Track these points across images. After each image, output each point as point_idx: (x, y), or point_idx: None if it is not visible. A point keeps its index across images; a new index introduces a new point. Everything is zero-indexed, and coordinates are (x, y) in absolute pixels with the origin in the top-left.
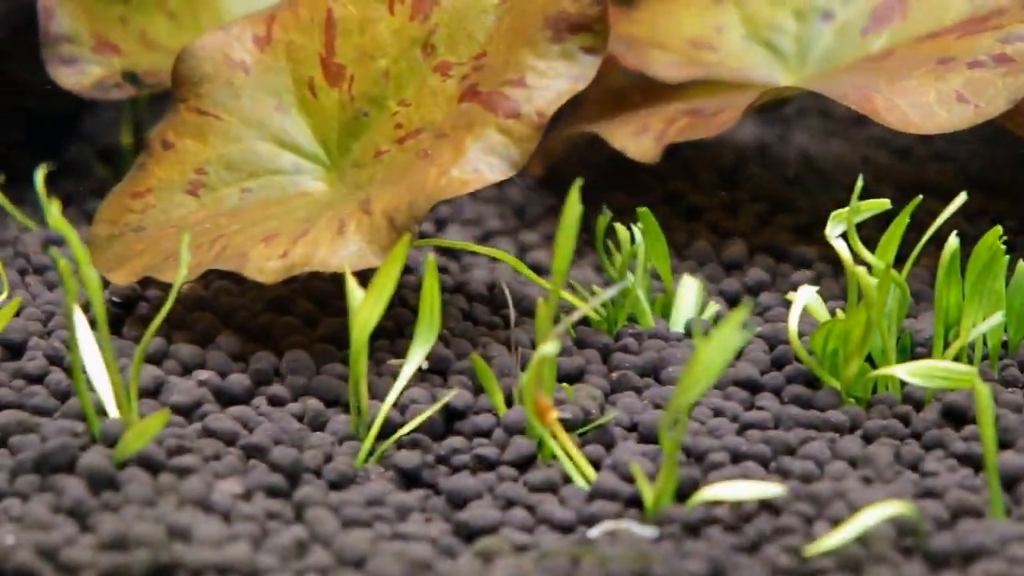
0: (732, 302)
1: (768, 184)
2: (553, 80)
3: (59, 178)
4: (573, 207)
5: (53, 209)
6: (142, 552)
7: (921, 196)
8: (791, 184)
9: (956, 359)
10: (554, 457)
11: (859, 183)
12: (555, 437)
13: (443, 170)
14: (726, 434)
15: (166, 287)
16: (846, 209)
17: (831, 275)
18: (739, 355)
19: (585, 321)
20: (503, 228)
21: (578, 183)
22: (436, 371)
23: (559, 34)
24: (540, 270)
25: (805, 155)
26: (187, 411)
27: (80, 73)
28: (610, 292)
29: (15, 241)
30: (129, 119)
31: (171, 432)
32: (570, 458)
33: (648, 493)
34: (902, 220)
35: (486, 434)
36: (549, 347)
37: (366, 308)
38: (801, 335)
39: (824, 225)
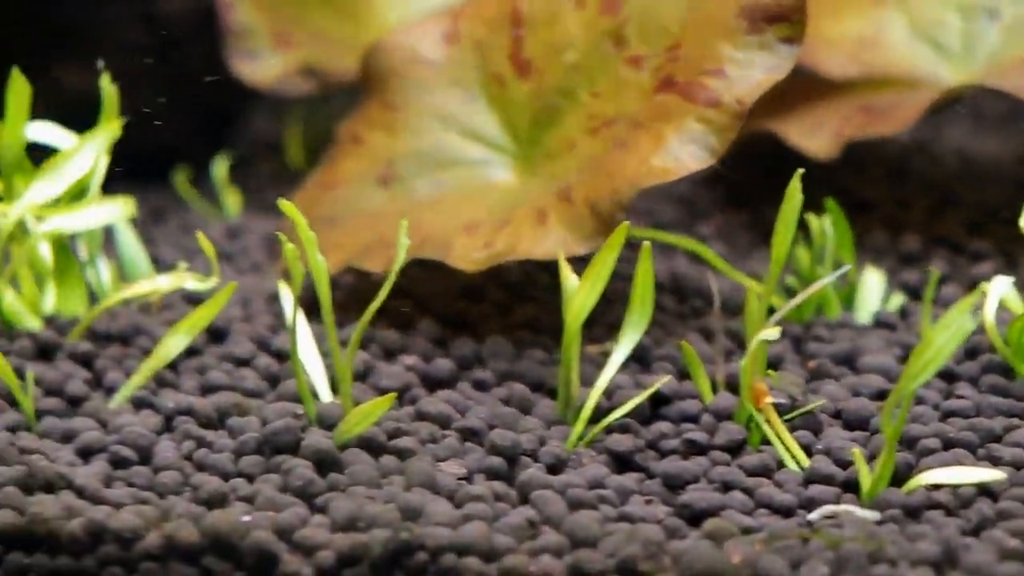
0: (913, 294)
1: (933, 179)
2: (752, 70)
3: (232, 170)
4: (794, 195)
5: (283, 203)
6: (379, 532)
7: None
8: (956, 179)
9: None
10: (763, 443)
11: None
12: (768, 422)
13: (643, 159)
14: (931, 421)
15: (359, 274)
16: None
17: (1008, 268)
18: None
19: (770, 311)
20: (676, 221)
21: (799, 172)
22: (636, 358)
23: (756, 24)
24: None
25: (963, 152)
26: (397, 395)
27: (262, 67)
28: (831, 277)
29: (199, 230)
30: (296, 112)
31: (387, 415)
32: (783, 443)
33: (866, 478)
34: None
35: (693, 419)
36: (770, 333)
37: (581, 295)
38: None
39: (993, 219)
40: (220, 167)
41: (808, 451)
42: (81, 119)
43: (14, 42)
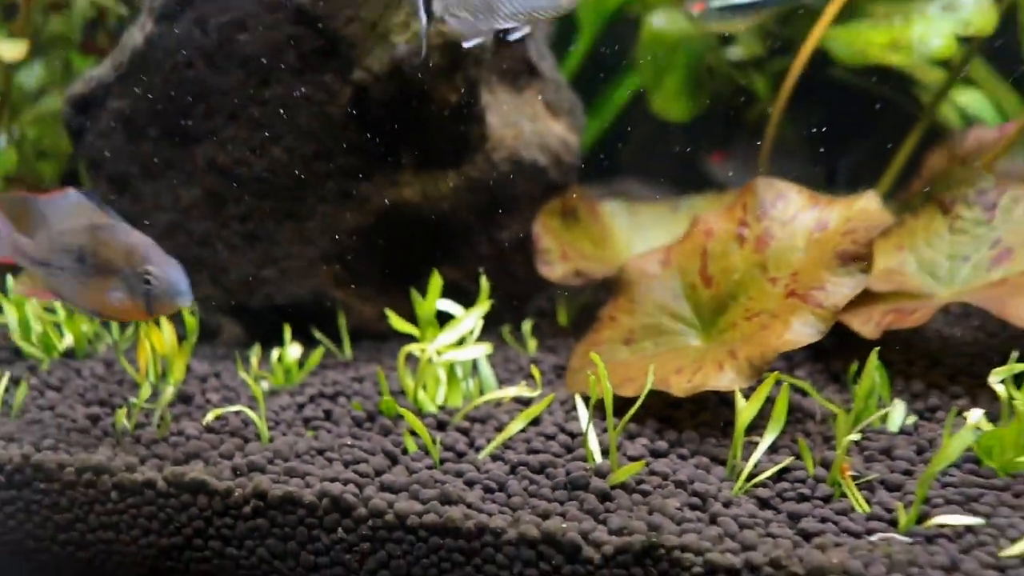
0: (920, 415)
1: (927, 350)
2: (842, 288)
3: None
4: (872, 364)
5: (591, 354)
6: (637, 537)
7: None
8: (940, 352)
9: None
10: (842, 496)
11: None
12: (846, 484)
13: (779, 335)
14: (936, 488)
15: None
16: None
17: (973, 403)
18: None
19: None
20: (786, 368)
21: (875, 351)
22: (771, 448)
23: (845, 262)
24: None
25: (942, 334)
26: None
27: (554, 270)
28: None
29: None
30: (565, 297)
31: (634, 473)
32: (855, 496)
33: (903, 518)
34: None
35: (802, 481)
36: (852, 436)
37: (747, 411)
38: None
39: (964, 374)
40: (526, 325)
41: (868, 502)
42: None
43: (433, 251)
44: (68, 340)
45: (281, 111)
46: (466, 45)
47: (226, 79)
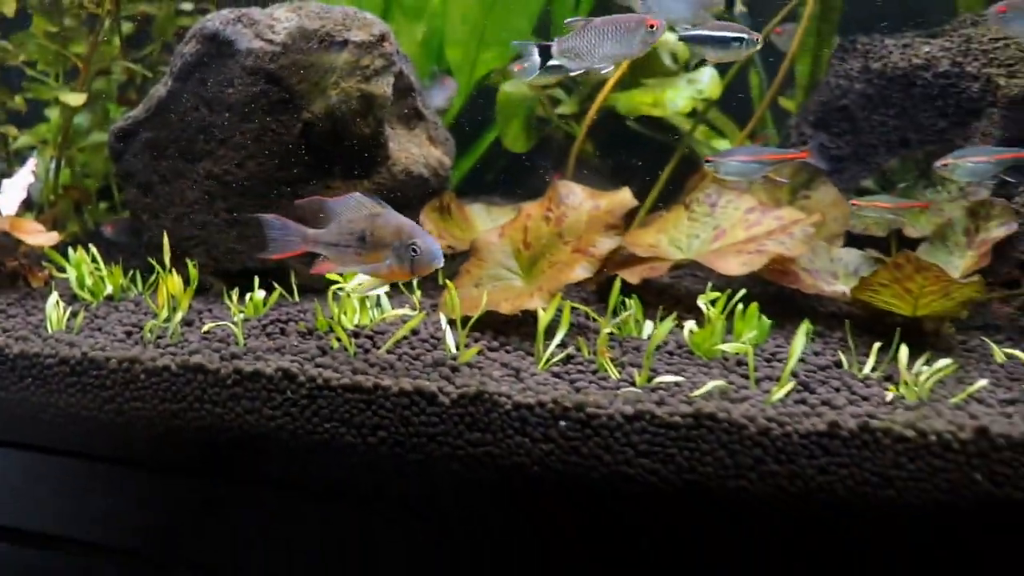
0: None
1: (678, 294)
2: (605, 245)
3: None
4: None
5: (448, 283)
6: None
7: None
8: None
9: None
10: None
11: None
12: (604, 360)
13: (568, 274)
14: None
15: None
16: None
17: None
18: None
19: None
20: (576, 297)
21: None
22: (563, 344)
23: (607, 229)
24: None
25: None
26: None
27: None
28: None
29: None
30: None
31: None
32: (607, 366)
33: (637, 379)
34: None
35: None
36: (606, 329)
37: (544, 318)
38: None
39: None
40: (414, 281)
41: (620, 372)
42: None
43: None
44: (109, 288)
45: (255, 139)
46: (573, 72)
47: (219, 118)
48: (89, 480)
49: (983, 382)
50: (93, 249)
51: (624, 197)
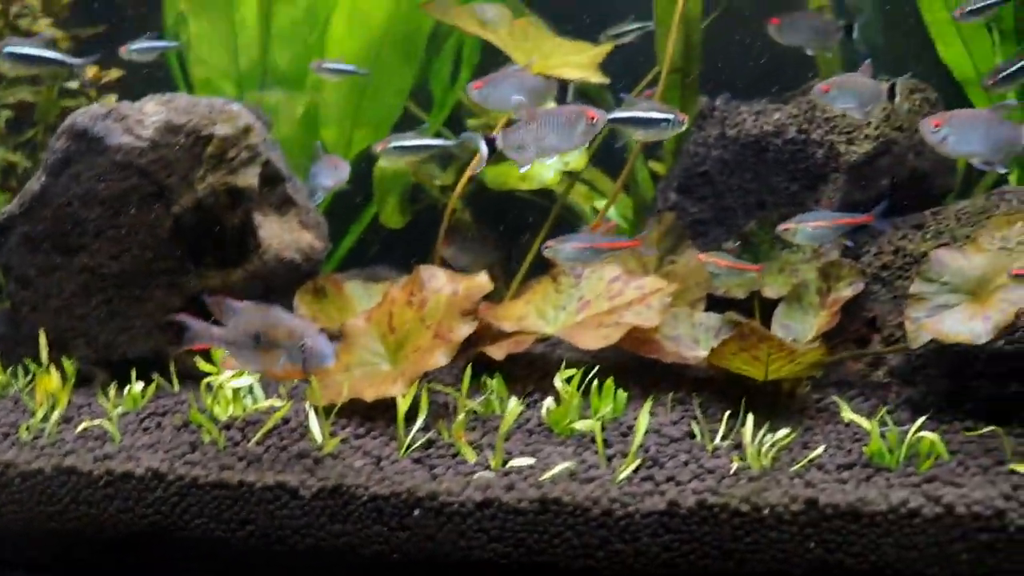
0: None
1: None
2: (463, 330)
3: None
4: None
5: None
6: None
7: None
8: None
9: None
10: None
11: None
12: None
13: (427, 361)
14: None
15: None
16: None
17: None
18: None
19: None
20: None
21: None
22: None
23: (466, 314)
24: None
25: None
26: None
27: None
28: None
29: None
30: None
31: None
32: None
33: (493, 462)
34: None
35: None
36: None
37: (403, 404)
38: None
39: None
40: None
41: (478, 454)
42: None
43: None
44: None
45: (129, 232)
46: (521, 170)
47: (93, 212)
48: None
49: (821, 449)
50: None
51: (481, 282)
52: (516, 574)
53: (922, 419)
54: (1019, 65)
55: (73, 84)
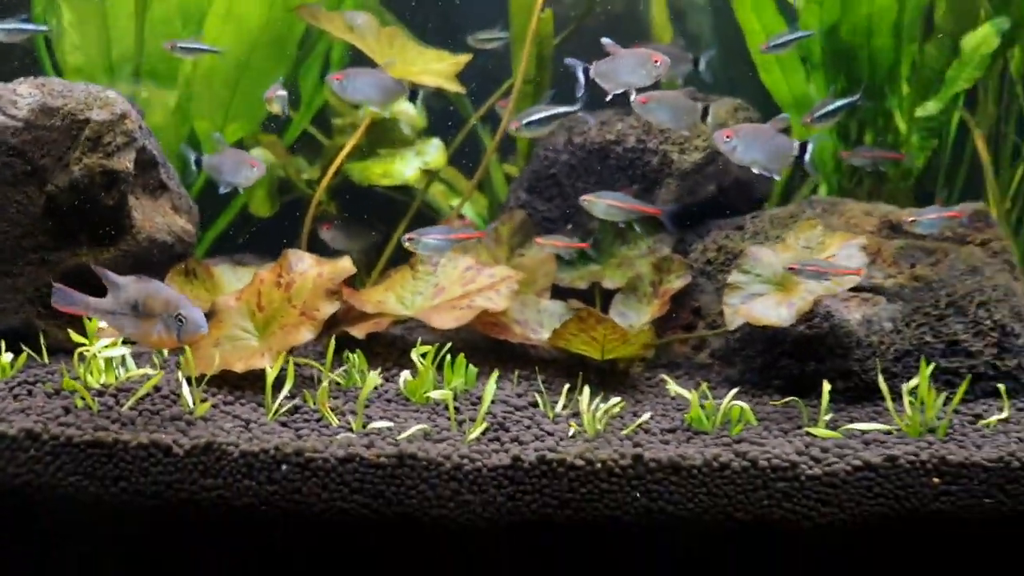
0: None
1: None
2: (328, 309)
3: None
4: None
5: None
6: None
7: None
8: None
9: None
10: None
11: None
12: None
13: (293, 337)
14: None
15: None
16: None
17: None
18: None
19: None
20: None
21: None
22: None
23: (330, 295)
24: None
25: None
26: None
27: None
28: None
29: None
30: None
31: None
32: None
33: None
34: None
35: None
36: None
37: (271, 376)
38: None
39: None
40: None
41: (339, 419)
42: None
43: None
44: None
45: (0, 207)
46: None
47: None
48: None
49: (647, 415)
50: None
51: (344, 265)
52: (375, 524)
53: (734, 391)
54: (831, 107)
55: None
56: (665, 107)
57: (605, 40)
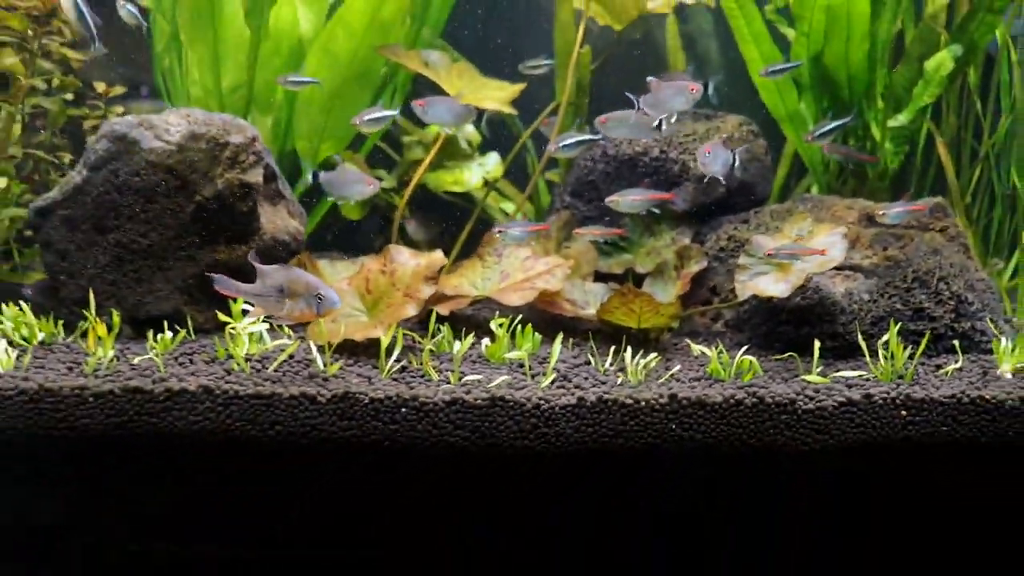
0: None
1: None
2: (426, 291)
3: None
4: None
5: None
6: None
7: None
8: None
9: None
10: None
11: None
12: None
13: (401, 312)
14: None
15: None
16: None
17: None
18: None
19: None
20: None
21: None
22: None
23: (427, 280)
24: None
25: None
26: None
27: None
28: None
29: None
30: None
31: None
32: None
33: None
34: None
35: None
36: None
37: (384, 341)
38: None
39: None
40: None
41: (439, 375)
42: None
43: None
44: (41, 335)
45: (156, 216)
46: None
47: (127, 199)
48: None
49: (677, 367)
50: (23, 304)
51: (437, 256)
52: (473, 453)
53: (744, 348)
54: (828, 127)
55: (68, 97)
56: (622, 125)
57: (650, 79)
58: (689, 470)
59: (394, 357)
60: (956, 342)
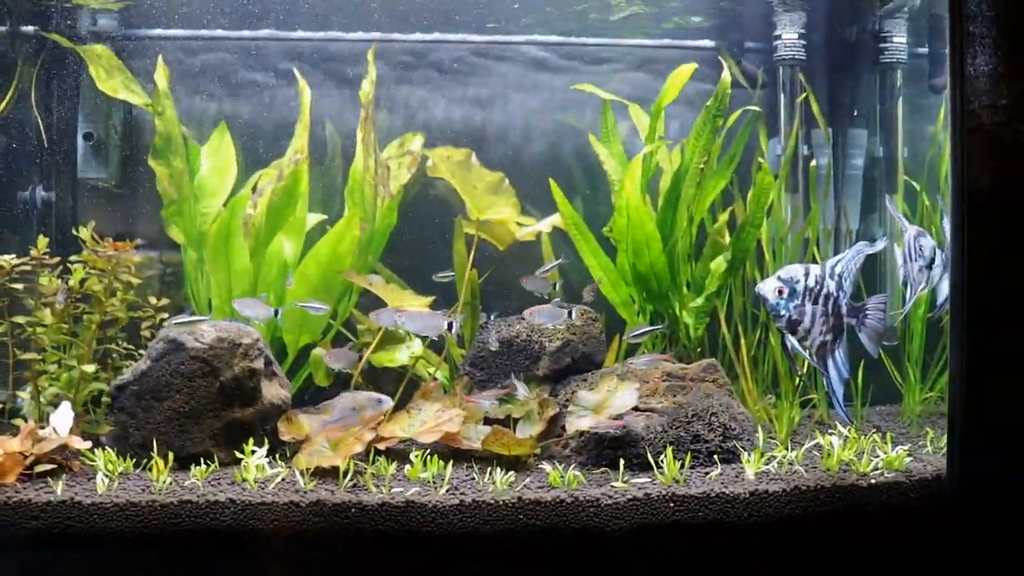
0: None
1: None
2: (369, 435)
3: None
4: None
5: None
6: None
7: None
8: None
9: None
10: None
11: None
12: None
13: (352, 449)
14: None
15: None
16: None
17: None
18: None
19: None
20: None
21: None
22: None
23: (371, 428)
24: None
25: None
26: None
27: None
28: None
29: None
30: None
31: None
32: None
33: None
34: None
35: None
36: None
37: (342, 466)
38: None
39: None
40: None
41: None
42: None
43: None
44: (120, 469)
45: (195, 391)
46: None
47: (175, 380)
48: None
49: (528, 480)
50: (108, 449)
51: (378, 417)
52: (397, 537)
53: (574, 467)
54: (641, 331)
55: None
56: (546, 314)
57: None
58: (532, 547)
59: (348, 477)
60: (720, 457)
